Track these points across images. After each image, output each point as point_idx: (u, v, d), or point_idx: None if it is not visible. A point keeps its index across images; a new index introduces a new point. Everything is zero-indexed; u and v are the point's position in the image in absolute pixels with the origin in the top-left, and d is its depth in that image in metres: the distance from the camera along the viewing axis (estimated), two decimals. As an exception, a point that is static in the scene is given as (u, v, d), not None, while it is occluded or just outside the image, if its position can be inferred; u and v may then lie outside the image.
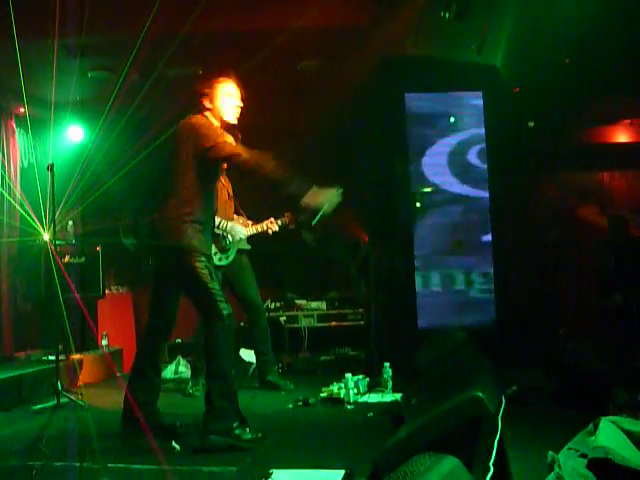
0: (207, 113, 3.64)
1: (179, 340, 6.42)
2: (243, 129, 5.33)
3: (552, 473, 2.15)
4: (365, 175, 6.36)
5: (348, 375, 4.42)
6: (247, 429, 3.36)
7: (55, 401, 4.76)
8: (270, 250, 5.71)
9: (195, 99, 3.69)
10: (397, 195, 6.02)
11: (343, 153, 6.61)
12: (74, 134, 7.00)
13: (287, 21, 4.98)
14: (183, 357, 6.06)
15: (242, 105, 3.74)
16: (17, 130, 6.56)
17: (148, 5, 4.94)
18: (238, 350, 5.97)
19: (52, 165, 4.83)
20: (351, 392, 4.37)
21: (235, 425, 3.33)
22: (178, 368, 5.95)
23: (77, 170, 6.13)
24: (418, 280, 6.03)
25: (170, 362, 6.10)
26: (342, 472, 2.85)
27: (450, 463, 1.69)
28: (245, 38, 5.47)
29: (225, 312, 3.39)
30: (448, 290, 6.13)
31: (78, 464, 3.19)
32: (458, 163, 6.06)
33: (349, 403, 4.34)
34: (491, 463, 1.94)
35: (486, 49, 4.78)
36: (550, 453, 2.28)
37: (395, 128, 6.01)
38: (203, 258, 3.45)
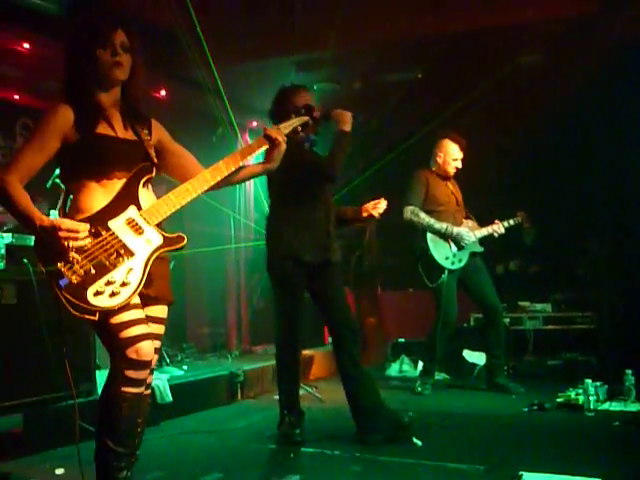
0: None
1: (402, 339, 6.57)
2: (463, 128, 5.32)
3: None
4: (598, 172, 5.99)
5: (588, 381, 4.21)
6: None
7: (294, 392, 5.14)
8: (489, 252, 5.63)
9: None
10: (635, 191, 5.58)
11: (570, 150, 6.30)
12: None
13: (511, 18, 4.89)
14: (407, 356, 6.19)
15: None
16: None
17: (372, 15, 5.17)
18: (461, 351, 5.97)
19: (289, 173, 5.21)
20: (591, 399, 4.16)
21: None
22: (402, 367, 6.09)
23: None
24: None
25: (394, 360, 6.27)
26: (598, 480, 2.73)
27: None
28: (463, 38, 5.45)
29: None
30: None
31: (329, 451, 3.43)
32: None
33: (589, 410, 4.14)
34: None
35: None
36: None
37: (634, 122, 5.55)
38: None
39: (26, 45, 5.04)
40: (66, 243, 2.10)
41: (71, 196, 2.34)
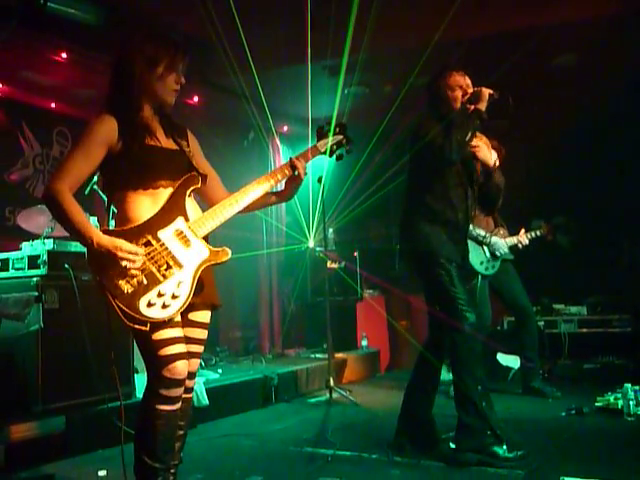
0: None
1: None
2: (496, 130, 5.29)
3: None
4: (633, 172, 5.91)
5: (627, 385, 4.16)
6: (504, 446, 3.17)
7: (328, 395, 5.16)
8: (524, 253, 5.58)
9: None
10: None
11: (607, 150, 6.21)
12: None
13: (546, 18, 4.84)
14: (441, 360, 6.14)
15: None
16: (281, 147, 7.26)
17: (403, 20, 5.16)
18: (495, 355, 5.92)
19: (321, 178, 5.24)
20: (631, 403, 4.10)
21: (490, 442, 3.19)
22: (436, 370, 6.03)
23: (342, 181, 6.59)
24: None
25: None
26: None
27: None
28: (497, 39, 5.41)
29: (467, 321, 3.22)
30: None
31: (367, 455, 3.43)
32: None
33: (629, 415, 4.08)
34: None
35: None
36: None
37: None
38: (443, 261, 3.31)
39: (63, 55, 5.14)
40: (124, 263, 2.14)
41: (115, 205, 2.37)
